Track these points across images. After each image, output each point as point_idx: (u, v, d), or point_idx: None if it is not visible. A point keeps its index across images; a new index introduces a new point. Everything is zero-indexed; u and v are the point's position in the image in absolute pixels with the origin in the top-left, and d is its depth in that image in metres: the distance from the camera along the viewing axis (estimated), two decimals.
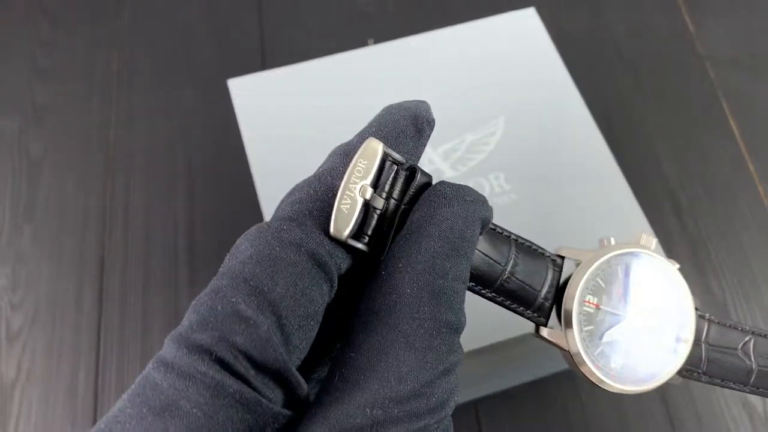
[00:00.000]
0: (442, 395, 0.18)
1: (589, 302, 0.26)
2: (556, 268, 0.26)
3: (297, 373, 0.18)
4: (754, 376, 0.26)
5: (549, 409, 0.50)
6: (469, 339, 0.37)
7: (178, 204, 0.59)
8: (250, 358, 0.17)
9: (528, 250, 0.25)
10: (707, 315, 0.27)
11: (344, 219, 0.20)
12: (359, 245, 0.20)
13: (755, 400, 0.51)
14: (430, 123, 0.23)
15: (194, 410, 0.17)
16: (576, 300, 0.25)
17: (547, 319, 0.26)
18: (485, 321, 0.26)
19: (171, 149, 0.61)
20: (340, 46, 0.51)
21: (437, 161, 0.44)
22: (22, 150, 0.62)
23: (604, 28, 0.67)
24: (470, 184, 0.43)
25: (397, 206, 0.21)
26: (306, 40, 0.67)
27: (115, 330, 0.53)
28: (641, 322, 0.26)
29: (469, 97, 0.46)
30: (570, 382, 0.51)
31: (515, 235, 0.25)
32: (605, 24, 0.68)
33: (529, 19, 0.50)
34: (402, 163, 0.21)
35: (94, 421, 0.50)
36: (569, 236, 0.41)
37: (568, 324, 0.25)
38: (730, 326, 0.27)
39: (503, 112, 0.45)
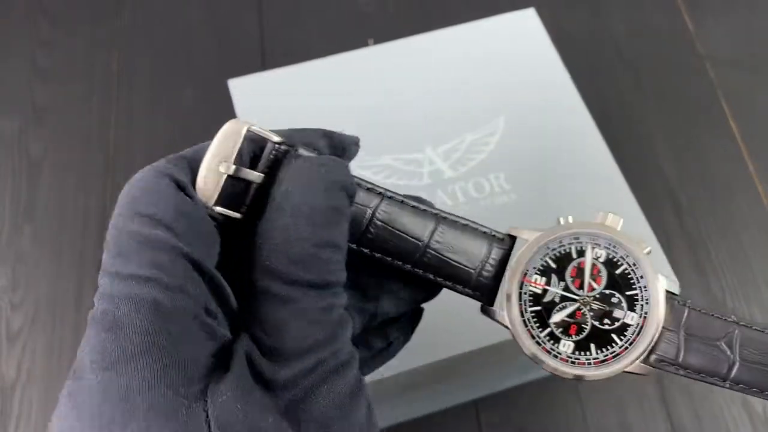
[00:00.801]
0: (327, 332, 0.20)
1: (535, 282, 0.25)
2: (501, 246, 0.25)
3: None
4: (734, 370, 0.24)
5: (549, 409, 0.50)
6: (469, 340, 0.37)
7: None
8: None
9: (457, 226, 0.25)
10: (688, 302, 0.25)
11: (209, 191, 0.22)
12: (233, 213, 0.22)
13: (754, 399, 0.51)
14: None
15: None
16: (516, 279, 0.24)
17: (491, 297, 0.25)
18: (485, 321, 0.26)
19: (171, 149, 0.61)
20: (341, 46, 0.51)
21: (437, 161, 0.44)
22: (22, 150, 0.62)
23: (604, 29, 0.67)
24: (470, 184, 0.43)
25: (269, 180, 0.22)
26: (306, 41, 0.67)
27: None
28: (596, 306, 0.25)
29: (469, 97, 0.46)
30: (570, 381, 0.51)
31: (446, 213, 0.25)
32: (605, 24, 0.68)
33: (528, 19, 0.50)
34: (279, 143, 0.23)
35: None
36: None
37: (508, 303, 0.24)
38: (713, 315, 0.25)
39: (503, 112, 0.46)
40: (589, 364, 0.24)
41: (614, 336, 0.25)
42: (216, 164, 0.22)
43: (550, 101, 0.46)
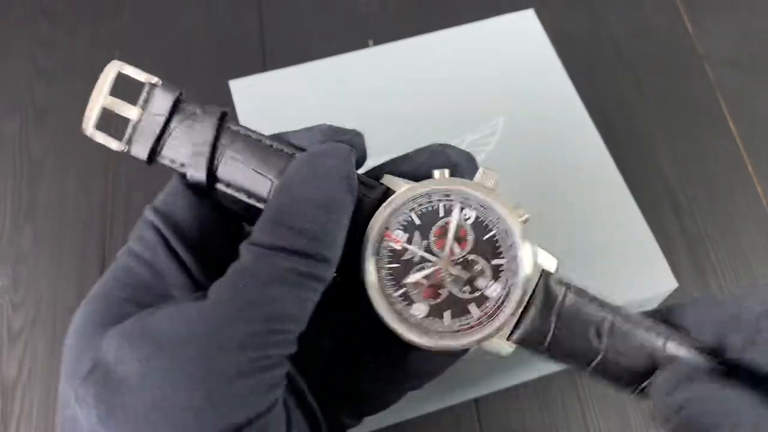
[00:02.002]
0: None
1: (395, 239, 0.22)
2: (374, 197, 0.23)
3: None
4: (597, 359, 0.23)
5: (549, 409, 0.50)
6: None
7: None
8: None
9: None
10: (566, 282, 0.23)
11: (88, 119, 0.25)
12: (111, 141, 0.25)
13: None
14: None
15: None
16: (376, 233, 0.22)
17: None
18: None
19: None
20: (341, 47, 0.51)
21: None
22: (23, 150, 0.62)
23: (604, 29, 0.67)
24: None
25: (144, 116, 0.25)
26: (306, 41, 0.67)
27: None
28: (457, 272, 0.22)
29: (468, 97, 0.46)
30: (570, 382, 0.51)
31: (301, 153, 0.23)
32: (604, 25, 0.68)
33: (528, 20, 0.50)
34: (153, 84, 0.25)
35: None
36: (567, 236, 0.41)
37: (366, 258, 0.22)
38: (591, 299, 0.23)
39: (503, 113, 0.46)
40: (440, 333, 0.22)
41: (472, 306, 0.22)
42: (96, 97, 0.26)
43: (549, 102, 0.46)
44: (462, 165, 0.24)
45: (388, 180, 0.23)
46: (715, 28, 0.67)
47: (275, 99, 0.46)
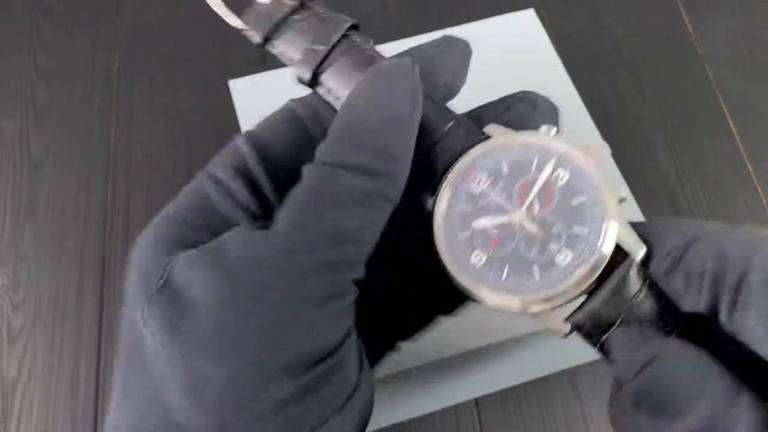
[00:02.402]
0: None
1: (478, 180, 0.21)
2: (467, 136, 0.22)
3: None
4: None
5: (549, 409, 0.50)
6: (470, 339, 0.38)
7: None
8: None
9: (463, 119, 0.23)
10: (651, 278, 0.20)
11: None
12: (230, 18, 0.26)
13: None
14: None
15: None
16: (461, 170, 0.21)
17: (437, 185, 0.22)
18: (488, 321, 0.26)
19: (172, 149, 0.61)
20: None
21: None
22: (23, 150, 0.62)
23: (604, 29, 0.67)
24: None
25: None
26: None
27: (115, 329, 0.54)
28: (531, 228, 0.21)
29: (467, 97, 0.46)
30: (570, 382, 0.51)
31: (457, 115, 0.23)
32: (605, 25, 0.68)
33: (528, 20, 0.50)
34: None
35: (96, 421, 0.50)
36: None
37: (442, 192, 0.21)
38: (665, 302, 0.20)
39: None
40: (494, 287, 0.21)
41: (535, 268, 0.20)
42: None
43: None
44: (548, 114, 0.23)
45: (490, 128, 0.23)
46: (715, 28, 0.67)
47: (275, 99, 0.46)
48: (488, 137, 0.22)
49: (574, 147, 0.21)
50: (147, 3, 0.70)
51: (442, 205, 0.21)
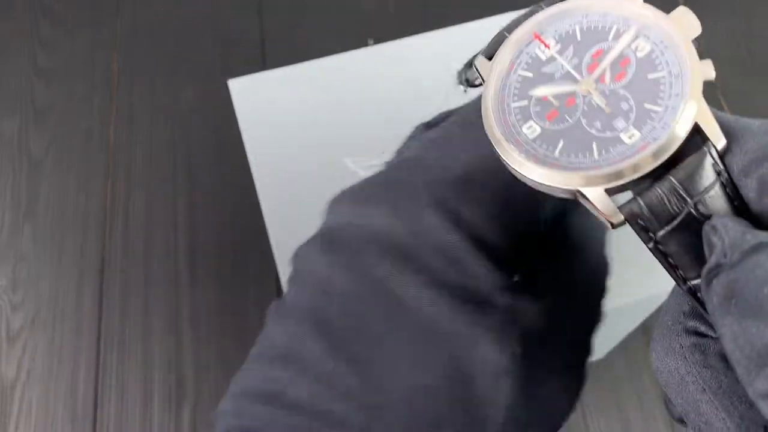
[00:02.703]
0: None
1: (546, 44, 0.19)
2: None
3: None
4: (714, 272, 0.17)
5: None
6: None
7: (178, 204, 0.59)
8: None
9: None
10: (725, 172, 0.17)
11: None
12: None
13: None
14: None
15: None
16: (528, 30, 0.19)
17: (494, 47, 0.20)
18: None
19: (171, 149, 0.61)
20: (341, 46, 0.51)
21: None
22: (22, 150, 0.62)
23: None
24: None
25: None
26: (306, 40, 0.67)
27: (115, 330, 0.53)
28: (599, 101, 0.18)
29: (469, 97, 0.46)
30: None
31: None
32: None
33: None
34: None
35: (95, 421, 0.50)
36: None
37: (502, 50, 0.19)
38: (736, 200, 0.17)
39: None
40: (545, 160, 0.18)
41: (595, 145, 0.18)
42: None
43: None
44: None
45: None
46: (715, 27, 0.67)
47: (275, 98, 0.46)
48: None
49: (662, 16, 0.18)
50: (147, 3, 0.70)
51: (500, 67, 0.19)
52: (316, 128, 0.44)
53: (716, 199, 0.17)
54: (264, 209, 0.41)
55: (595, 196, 0.17)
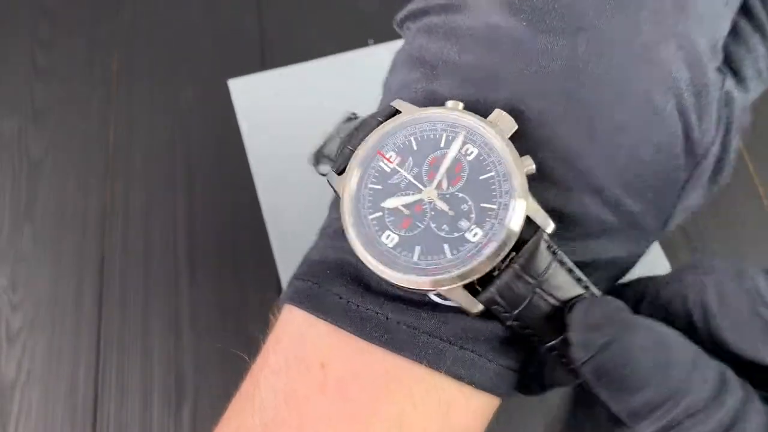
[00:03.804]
0: None
1: (388, 159, 0.21)
2: (382, 119, 0.22)
3: None
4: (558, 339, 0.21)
5: (548, 408, 0.50)
6: None
7: (178, 204, 0.59)
8: None
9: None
10: (558, 251, 0.20)
11: None
12: None
13: None
14: None
15: None
16: (369, 149, 0.21)
17: (343, 164, 0.21)
18: None
19: (171, 149, 0.61)
20: (341, 46, 0.51)
21: None
22: (21, 150, 0.62)
23: None
24: None
25: None
26: (306, 40, 0.67)
27: (115, 330, 0.53)
28: (441, 206, 0.20)
29: None
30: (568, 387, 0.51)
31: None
32: None
33: None
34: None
35: (95, 422, 0.50)
36: None
37: (351, 171, 0.21)
38: (568, 271, 0.20)
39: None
40: (406, 267, 0.20)
41: (447, 246, 0.20)
42: None
43: None
44: None
45: (398, 103, 0.22)
46: None
47: (274, 98, 0.46)
48: (398, 112, 0.21)
49: (483, 121, 0.20)
50: (147, 3, 0.70)
51: (352, 184, 0.21)
52: (316, 128, 0.44)
53: (557, 275, 0.20)
54: (264, 208, 0.41)
55: (455, 295, 0.20)
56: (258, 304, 0.54)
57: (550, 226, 0.20)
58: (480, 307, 0.20)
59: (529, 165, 0.20)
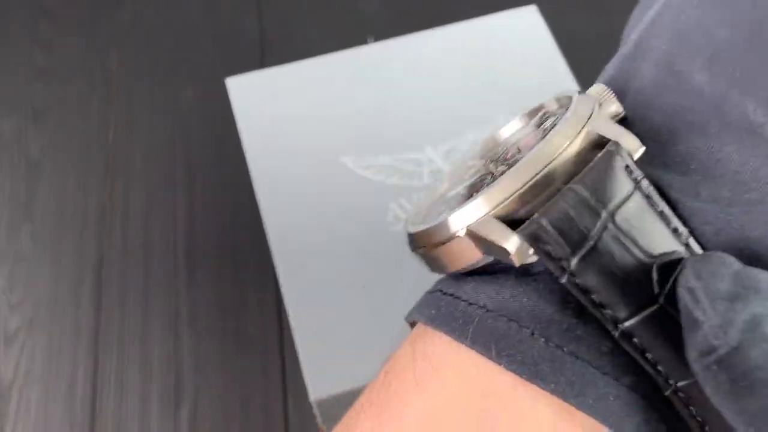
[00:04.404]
0: None
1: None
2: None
3: None
4: (651, 310, 0.14)
5: None
6: None
7: (178, 204, 0.58)
8: None
9: None
10: (643, 179, 0.15)
11: None
12: None
13: None
14: None
15: None
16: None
17: None
18: None
19: (170, 148, 0.61)
20: (340, 44, 0.50)
21: (437, 161, 0.43)
22: (21, 150, 0.62)
23: (607, 25, 0.67)
24: None
25: None
26: (305, 38, 0.66)
27: (113, 331, 0.53)
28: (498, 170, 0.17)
29: (469, 95, 0.46)
30: None
31: None
32: (608, 21, 0.67)
33: (530, 16, 0.49)
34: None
35: (93, 423, 0.50)
36: None
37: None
38: (660, 215, 0.14)
39: (504, 111, 0.45)
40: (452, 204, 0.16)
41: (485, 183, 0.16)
42: None
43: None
44: None
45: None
46: None
47: (273, 96, 0.46)
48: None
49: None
50: (146, 2, 0.70)
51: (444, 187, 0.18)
52: (315, 127, 0.44)
53: (642, 216, 0.14)
54: (262, 208, 0.40)
55: (486, 230, 0.14)
56: (257, 304, 0.54)
57: (636, 148, 0.15)
58: (516, 243, 0.14)
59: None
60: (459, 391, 0.16)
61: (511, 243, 0.14)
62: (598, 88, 0.17)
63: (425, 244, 0.16)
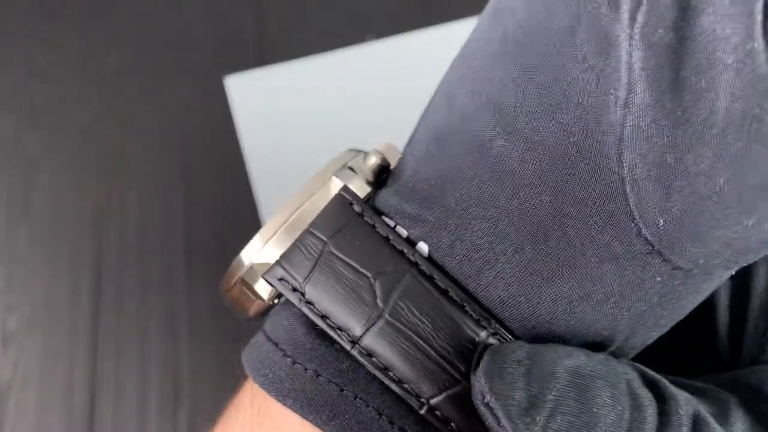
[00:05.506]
0: None
1: None
2: None
3: None
4: (371, 332, 0.16)
5: None
6: None
7: (176, 204, 0.58)
8: None
9: None
10: (365, 210, 0.17)
11: None
12: None
13: None
14: None
15: None
16: None
17: None
18: None
19: (168, 148, 0.61)
20: (340, 42, 0.50)
21: None
22: (18, 149, 0.61)
23: None
24: None
25: None
26: (305, 37, 0.66)
27: (111, 332, 0.53)
28: None
29: None
30: None
31: None
32: None
33: None
34: None
35: (91, 424, 0.50)
36: None
37: None
38: (388, 240, 0.16)
39: None
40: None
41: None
42: None
43: None
44: None
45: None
46: None
47: (272, 95, 0.46)
48: None
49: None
50: (145, 1, 0.69)
51: None
52: (314, 126, 0.44)
53: (360, 235, 0.17)
54: (261, 207, 0.40)
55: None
56: None
57: (363, 190, 0.19)
58: (268, 288, 0.18)
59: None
60: None
61: (265, 293, 0.19)
62: (383, 146, 0.20)
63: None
